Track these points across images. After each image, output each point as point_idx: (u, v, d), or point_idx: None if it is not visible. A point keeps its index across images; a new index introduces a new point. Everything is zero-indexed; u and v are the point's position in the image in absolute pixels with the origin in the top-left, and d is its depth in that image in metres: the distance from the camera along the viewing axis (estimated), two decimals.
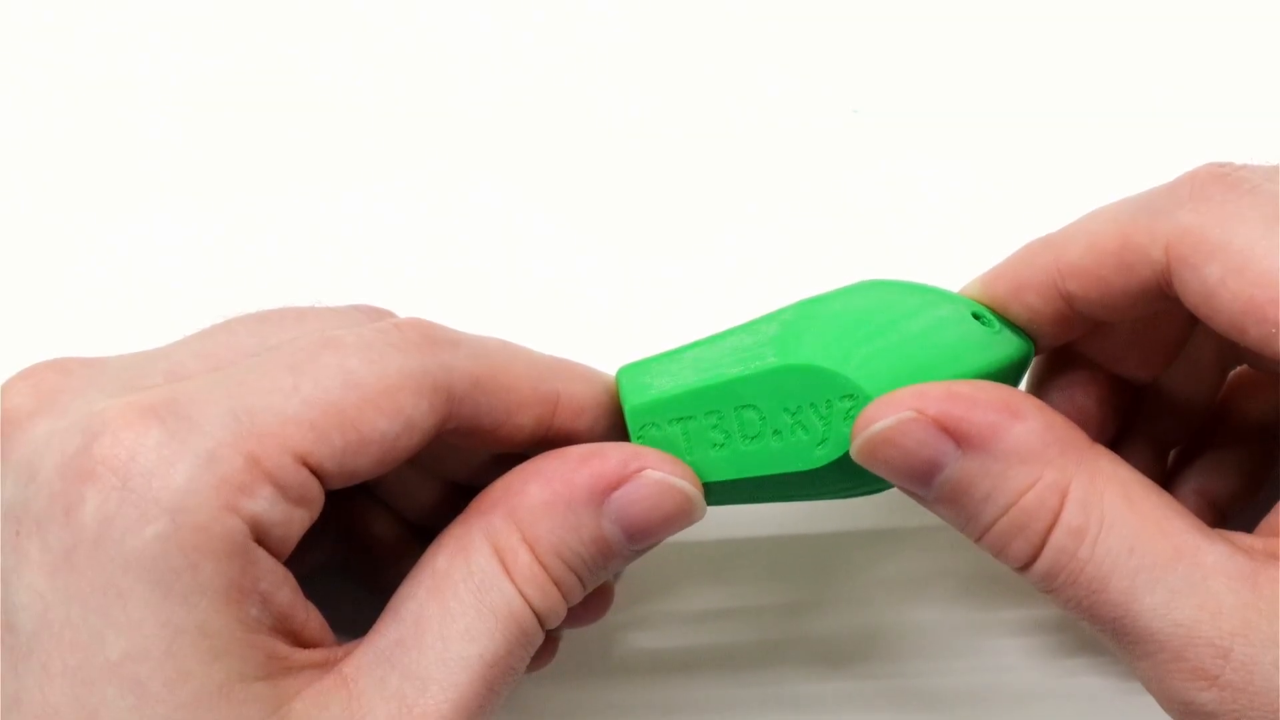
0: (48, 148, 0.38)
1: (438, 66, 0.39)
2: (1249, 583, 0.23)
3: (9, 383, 0.24)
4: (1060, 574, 0.24)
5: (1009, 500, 0.24)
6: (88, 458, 0.22)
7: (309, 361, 0.24)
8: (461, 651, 0.24)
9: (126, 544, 0.21)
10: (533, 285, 0.36)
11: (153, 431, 0.22)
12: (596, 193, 0.37)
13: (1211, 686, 0.23)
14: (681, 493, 0.26)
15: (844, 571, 0.34)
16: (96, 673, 0.21)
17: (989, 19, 0.39)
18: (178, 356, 0.25)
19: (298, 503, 0.23)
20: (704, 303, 0.36)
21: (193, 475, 0.22)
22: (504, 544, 0.25)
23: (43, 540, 0.22)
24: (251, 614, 0.22)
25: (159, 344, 0.26)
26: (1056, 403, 0.29)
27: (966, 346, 0.26)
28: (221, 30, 0.39)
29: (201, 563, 0.22)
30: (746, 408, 0.26)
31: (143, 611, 0.21)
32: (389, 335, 0.25)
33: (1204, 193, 0.24)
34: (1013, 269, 0.27)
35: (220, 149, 0.38)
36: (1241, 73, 0.38)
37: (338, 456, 0.23)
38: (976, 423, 0.24)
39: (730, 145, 0.38)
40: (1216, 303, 0.24)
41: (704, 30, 0.39)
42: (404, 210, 0.37)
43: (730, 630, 0.34)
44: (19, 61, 0.39)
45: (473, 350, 0.26)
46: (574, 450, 0.26)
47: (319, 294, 0.35)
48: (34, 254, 0.37)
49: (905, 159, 0.37)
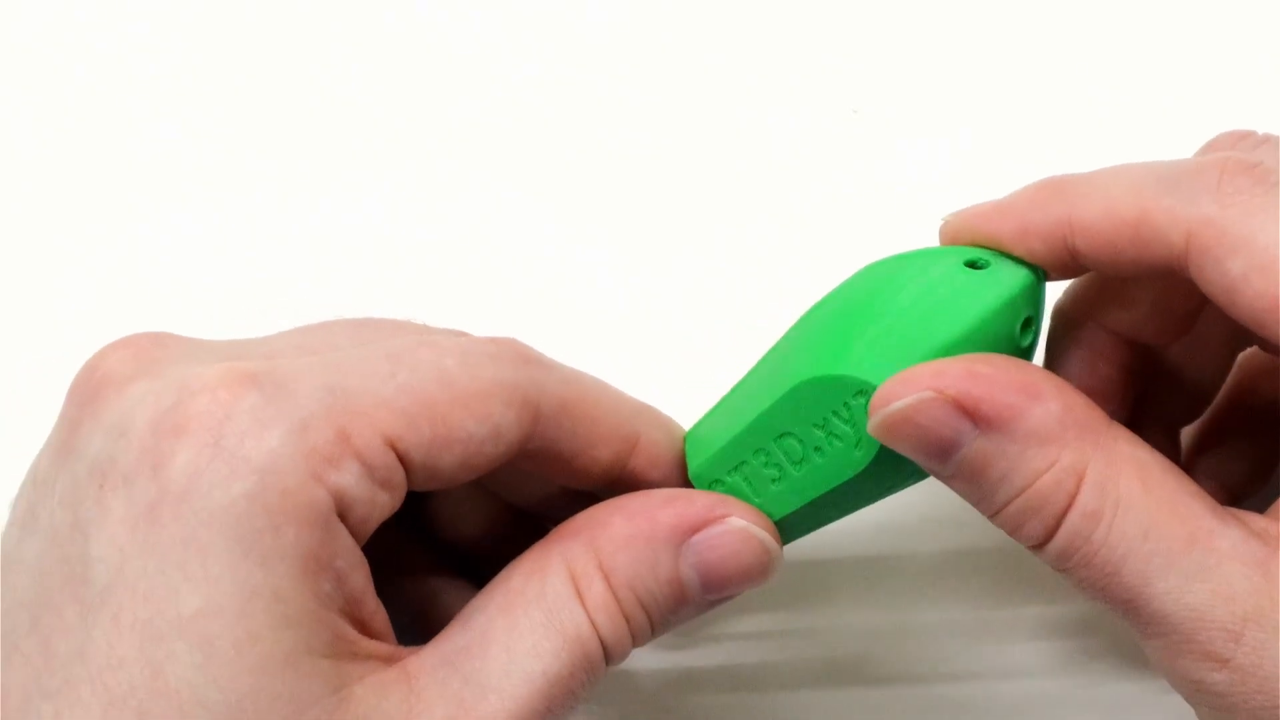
0: (49, 148, 0.37)
1: (437, 67, 0.39)
2: (1261, 568, 0.23)
3: (107, 347, 0.24)
4: (1074, 556, 0.24)
5: (1025, 482, 0.24)
6: (182, 413, 0.22)
7: (407, 355, 0.24)
8: (525, 666, 0.24)
9: (213, 499, 0.21)
10: (533, 285, 0.36)
11: (250, 395, 0.22)
12: (596, 193, 0.38)
13: (1223, 669, 0.23)
14: (762, 544, 0.26)
15: (854, 575, 0.34)
16: (167, 627, 0.21)
17: (989, 19, 0.40)
18: (276, 344, 0.25)
19: (383, 485, 0.23)
20: (703, 303, 0.36)
21: (284, 440, 0.22)
22: (580, 570, 0.25)
23: (129, 494, 0.22)
24: (325, 589, 0.22)
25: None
26: (1075, 370, 0.29)
27: (959, 303, 0.26)
28: (223, 30, 0.39)
29: (284, 526, 0.22)
30: (785, 436, 0.26)
31: (221, 568, 0.21)
32: (485, 346, 0.25)
33: (1231, 183, 0.24)
34: (1021, 211, 0.27)
35: (227, 151, 0.37)
36: (1242, 78, 0.39)
37: (425, 448, 0.23)
38: (995, 404, 0.24)
39: (730, 145, 0.38)
40: (1238, 297, 0.24)
41: (704, 30, 0.39)
42: (406, 211, 0.37)
43: (739, 638, 0.34)
44: (19, 62, 0.38)
45: (564, 376, 0.26)
46: (662, 491, 0.26)
47: (326, 293, 0.35)
48: (34, 254, 0.36)
49: (905, 159, 0.38)
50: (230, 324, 0.35)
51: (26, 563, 0.23)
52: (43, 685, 0.22)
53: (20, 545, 0.23)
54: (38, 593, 0.22)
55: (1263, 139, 0.26)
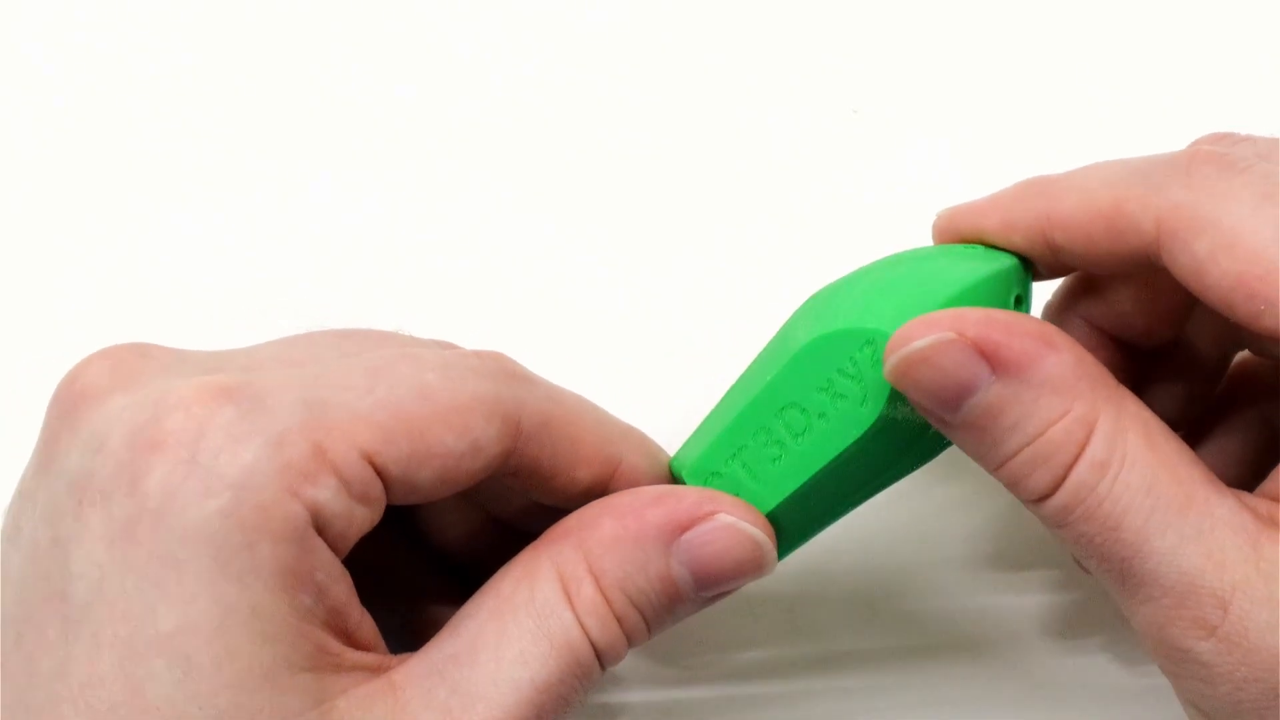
0: (48, 148, 0.37)
1: (437, 67, 0.39)
2: (1252, 541, 0.23)
3: (87, 359, 0.24)
4: (1078, 508, 0.24)
5: (1037, 430, 0.24)
6: (158, 429, 0.22)
7: (386, 368, 0.24)
8: (513, 674, 0.24)
9: (188, 516, 0.21)
10: (533, 285, 0.36)
11: (225, 410, 0.22)
12: (596, 193, 0.37)
13: (1210, 637, 0.23)
14: (753, 539, 0.26)
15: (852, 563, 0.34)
16: (146, 645, 0.21)
17: (989, 19, 0.39)
18: (258, 355, 0.25)
19: (360, 499, 0.23)
20: (703, 303, 0.36)
21: (259, 455, 0.22)
22: (570, 573, 0.25)
23: (106, 510, 0.22)
24: (304, 603, 0.22)
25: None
26: None
27: (956, 270, 0.26)
28: (226, 31, 0.39)
29: (259, 542, 0.22)
30: (788, 408, 0.26)
31: (197, 586, 0.21)
32: (468, 360, 0.25)
33: (1199, 170, 0.25)
34: (1004, 207, 0.27)
35: (226, 151, 0.37)
36: (1242, 80, 0.39)
37: (403, 462, 0.23)
38: (1014, 349, 0.24)
39: (730, 145, 0.38)
40: (1206, 278, 0.24)
41: (704, 30, 0.39)
42: (405, 212, 0.37)
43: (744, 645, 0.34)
44: (21, 62, 0.38)
45: (548, 394, 0.26)
46: (650, 489, 0.26)
47: (326, 294, 0.35)
48: (36, 254, 0.36)
49: (905, 159, 0.38)
50: (229, 324, 0.36)
51: (11, 578, 0.23)
52: (26, 702, 0.22)
53: (6, 560, 0.23)
54: (21, 609, 0.22)
55: (1242, 139, 0.26)
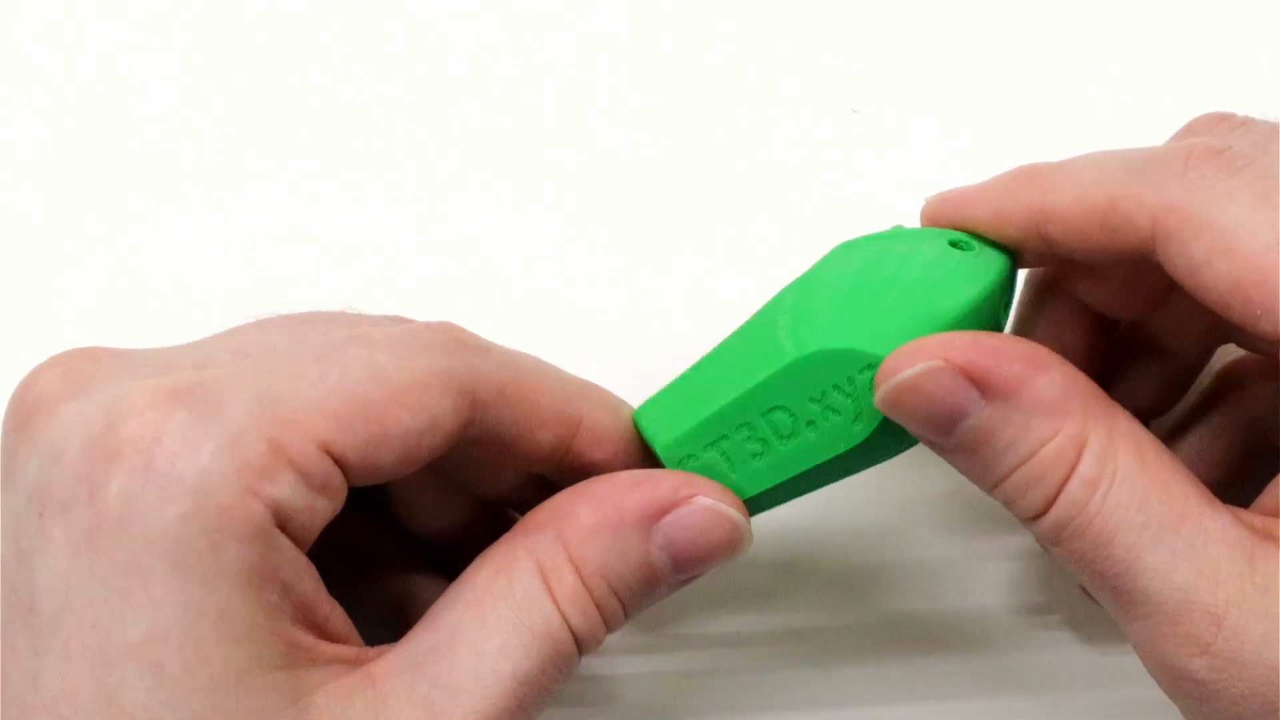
0: (50, 148, 0.38)
1: (436, 67, 0.39)
2: (1247, 556, 0.23)
3: (38, 368, 0.24)
4: (1069, 525, 0.24)
5: (1029, 451, 0.24)
6: (113, 438, 0.22)
7: (336, 354, 0.24)
8: (494, 666, 0.24)
9: (149, 524, 0.21)
10: (533, 284, 0.36)
11: (178, 414, 0.22)
12: (596, 193, 0.37)
13: (1204, 654, 0.23)
14: (731, 521, 0.26)
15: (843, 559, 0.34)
16: (116, 654, 0.21)
17: (988, 19, 0.39)
18: (207, 350, 0.25)
19: (320, 490, 0.23)
20: (702, 303, 0.36)
21: (216, 457, 0.22)
22: (549, 564, 0.25)
23: (66, 521, 0.22)
24: (272, 600, 0.22)
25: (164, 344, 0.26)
26: (1039, 336, 0.29)
27: (958, 281, 0.26)
28: (226, 31, 0.39)
29: (223, 544, 0.22)
30: (775, 410, 0.26)
31: (164, 592, 0.21)
32: (419, 335, 0.25)
33: (1196, 169, 0.24)
34: (996, 198, 0.27)
35: (226, 151, 0.38)
36: (1242, 81, 0.38)
37: (361, 448, 0.23)
38: (1002, 373, 0.24)
39: (730, 145, 0.38)
40: (1202, 279, 0.24)
41: (703, 30, 0.39)
42: (405, 211, 0.37)
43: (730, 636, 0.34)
44: (21, 62, 0.39)
45: (502, 360, 0.26)
46: (626, 475, 0.26)
47: (326, 294, 0.35)
48: (36, 254, 0.37)
49: (905, 159, 0.38)
50: (229, 324, 0.36)
51: None
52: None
53: None
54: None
55: (1240, 121, 0.26)
